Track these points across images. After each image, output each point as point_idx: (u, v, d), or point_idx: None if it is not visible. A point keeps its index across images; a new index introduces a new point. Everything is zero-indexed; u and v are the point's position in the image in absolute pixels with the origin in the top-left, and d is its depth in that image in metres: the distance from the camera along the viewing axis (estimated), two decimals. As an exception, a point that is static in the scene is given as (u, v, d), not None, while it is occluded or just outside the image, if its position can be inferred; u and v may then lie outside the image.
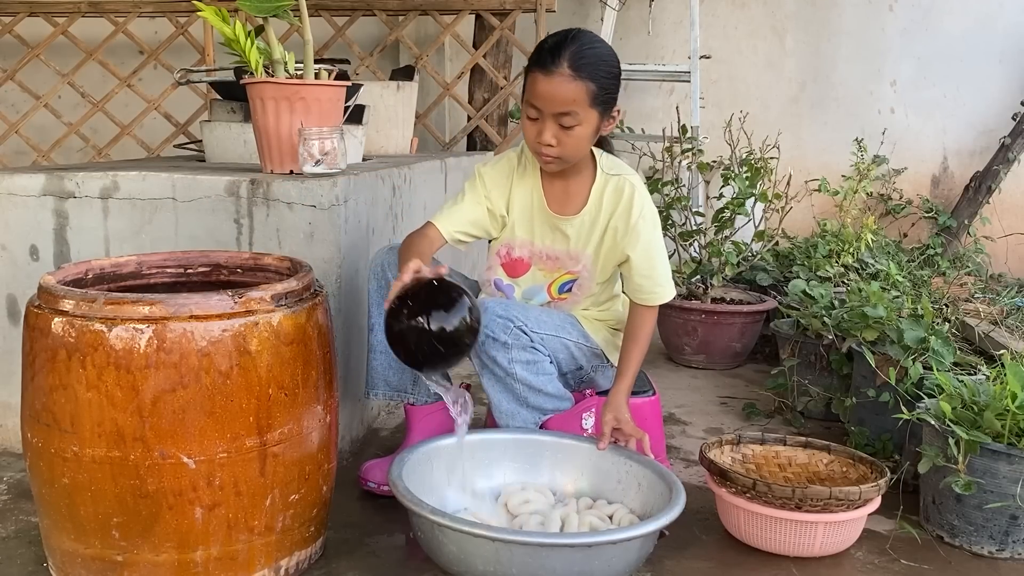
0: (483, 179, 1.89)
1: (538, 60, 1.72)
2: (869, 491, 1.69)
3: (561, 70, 1.68)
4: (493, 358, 1.77)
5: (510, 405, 1.83)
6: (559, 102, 1.70)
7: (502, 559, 1.44)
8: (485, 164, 1.92)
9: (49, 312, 1.42)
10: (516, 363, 1.77)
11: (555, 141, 1.73)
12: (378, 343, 1.95)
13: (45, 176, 2.08)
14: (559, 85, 1.69)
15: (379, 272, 1.91)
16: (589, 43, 1.73)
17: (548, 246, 1.91)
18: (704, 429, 2.46)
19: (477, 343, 1.71)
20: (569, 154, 1.77)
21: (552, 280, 1.94)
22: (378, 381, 1.98)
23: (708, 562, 1.72)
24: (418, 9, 3.99)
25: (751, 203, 3.13)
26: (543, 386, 1.82)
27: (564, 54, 1.69)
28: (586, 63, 1.70)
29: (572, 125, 1.72)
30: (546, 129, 1.73)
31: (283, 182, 1.98)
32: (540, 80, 1.70)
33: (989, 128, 4.43)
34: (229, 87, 2.57)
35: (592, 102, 1.72)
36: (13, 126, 4.31)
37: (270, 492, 1.49)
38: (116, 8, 4.21)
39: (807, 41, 4.59)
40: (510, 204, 1.90)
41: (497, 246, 1.95)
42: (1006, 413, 1.73)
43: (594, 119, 1.74)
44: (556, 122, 1.72)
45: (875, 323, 2.22)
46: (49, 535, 1.53)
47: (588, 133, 1.75)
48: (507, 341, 1.75)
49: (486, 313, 1.73)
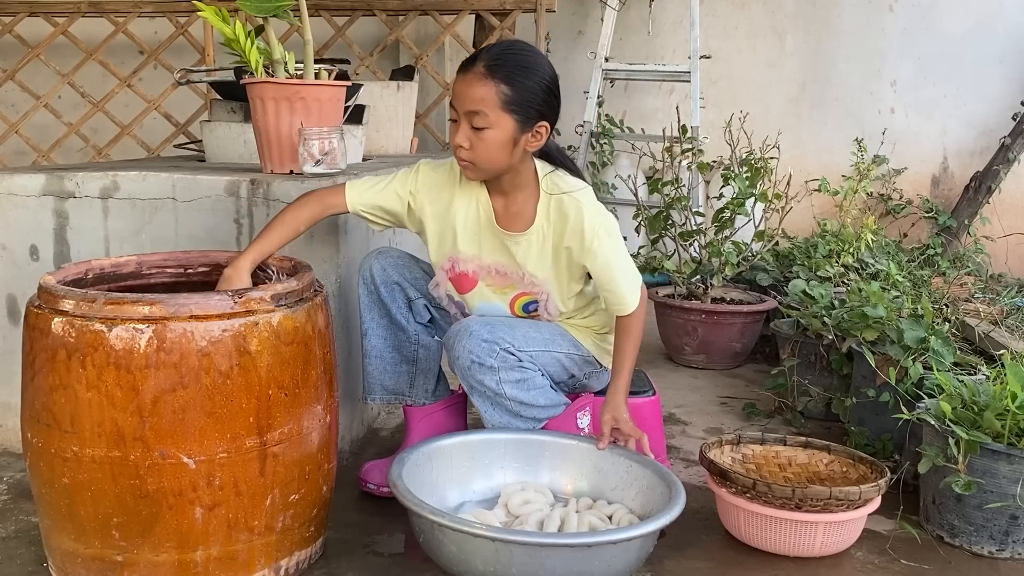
0: (418, 176, 1.84)
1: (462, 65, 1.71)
2: (869, 491, 1.69)
3: (475, 69, 1.67)
4: (481, 381, 1.76)
5: (503, 418, 1.82)
6: (468, 100, 1.67)
7: (502, 559, 1.44)
8: (429, 162, 1.86)
9: (49, 312, 1.42)
10: (505, 383, 1.76)
11: (467, 143, 1.68)
12: (372, 348, 1.95)
13: (45, 176, 2.08)
14: (470, 83, 1.67)
15: (368, 278, 1.91)
16: (517, 50, 1.70)
17: (497, 261, 1.84)
18: (704, 429, 2.46)
19: (460, 368, 1.74)
20: (481, 159, 1.70)
21: (509, 298, 1.88)
22: (375, 386, 1.98)
23: (708, 562, 1.72)
24: (418, 9, 3.99)
25: (751, 203, 3.13)
26: (535, 400, 1.81)
27: (483, 55, 1.69)
28: (502, 64, 1.66)
29: (482, 127, 1.66)
30: (459, 129, 1.69)
31: (283, 182, 1.98)
32: (458, 79, 1.70)
33: (989, 128, 4.43)
34: (229, 87, 2.57)
35: (504, 105, 1.66)
36: (13, 126, 4.31)
37: (270, 492, 1.49)
38: (116, 8, 4.22)
39: (807, 41, 4.59)
40: (452, 213, 1.82)
41: (441, 260, 1.87)
42: (1006, 413, 1.73)
43: (508, 125, 1.67)
44: (468, 122, 1.68)
45: (875, 323, 2.22)
46: (49, 535, 1.53)
47: (501, 140, 1.68)
48: (493, 365, 1.73)
49: (470, 338, 1.73)
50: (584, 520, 1.65)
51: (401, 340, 1.95)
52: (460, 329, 1.76)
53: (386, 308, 1.92)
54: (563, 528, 1.64)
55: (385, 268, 1.90)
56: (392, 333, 1.95)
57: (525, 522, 1.67)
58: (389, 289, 1.91)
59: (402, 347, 1.96)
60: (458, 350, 1.74)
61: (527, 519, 1.67)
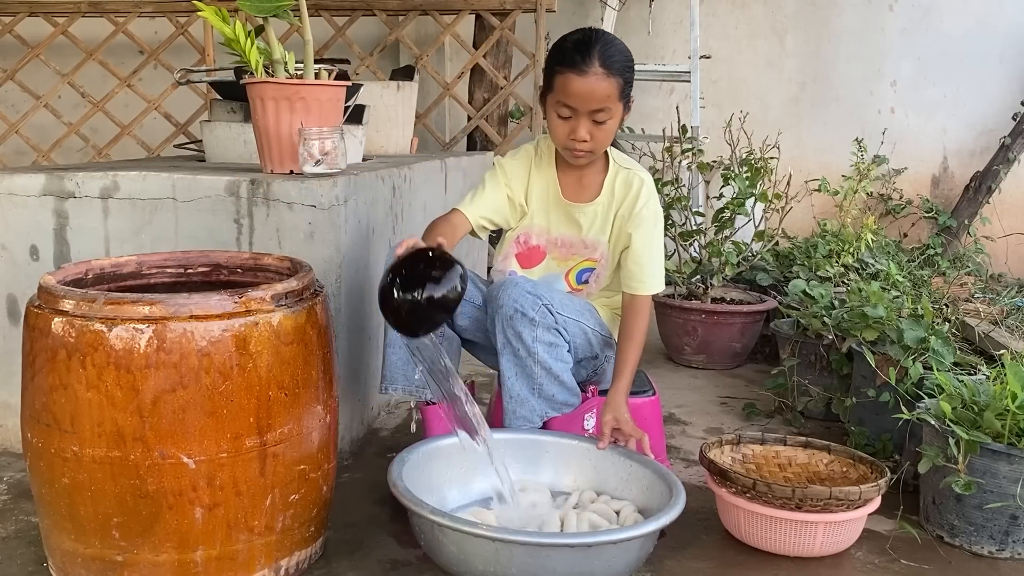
0: (503, 168, 1.97)
1: (567, 60, 1.79)
2: (869, 491, 1.69)
3: (594, 69, 1.76)
4: (519, 334, 1.77)
5: (522, 391, 1.82)
6: (596, 99, 1.78)
7: (502, 559, 1.44)
8: (504, 156, 2.00)
9: (49, 312, 1.42)
10: (539, 343, 1.77)
11: (589, 136, 1.82)
12: (396, 337, 1.92)
13: (45, 176, 2.08)
14: (595, 83, 1.77)
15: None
16: (611, 40, 1.82)
17: (563, 233, 1.98)
18: (704, 429, 2.46)
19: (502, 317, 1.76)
20: (600, 147, 1.87)
21: (568, 268, 2.00)
22: (396, 376, 1.94)
23: (708, 562, 1.73)
24: (418, 9, 3.99)
25: (751, 203, 3.13)
26: (560, 372, 1.82)
27: (594, 53, 1.77)
28: (615, 60, 1.78)
29: (605, 120, 1.81)
30: (580, 126, 1.81)
31: (283, 182, 1.98)
32: (574, 80, 1.77)
33: (989, 128, 4.43)
34: (229, 87, 2.57)
35: (620, 96, 1.81)
36: (13, 126, 4.31)
37: (270, 492, 1.49)
38: (116, 8, 4.22)
39: (807, 41, 4.59)
40: (528, 193, 1.97)
41: (515, 235, 2.01)
42: (1006, 413, 1.73)
43: (620, 111, 1.84)
44: (590, 119, 1.80)
45: (875, 323, 2.22)
46: (49, 535, 1.53)
47: (616, 125, 1.85)
48: (534, 318, 1.76)
49: (515, 288, 1.78)
50: (584, 517, 1.65)
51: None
52: (506, 281, 1.82)
53: None
54: (563, 527, 1.64)
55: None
56: None
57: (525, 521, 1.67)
58: None
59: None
60: (503, 299, 1.78)
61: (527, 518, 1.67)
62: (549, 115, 1.86)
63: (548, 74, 1.84)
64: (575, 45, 1.79)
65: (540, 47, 3.89)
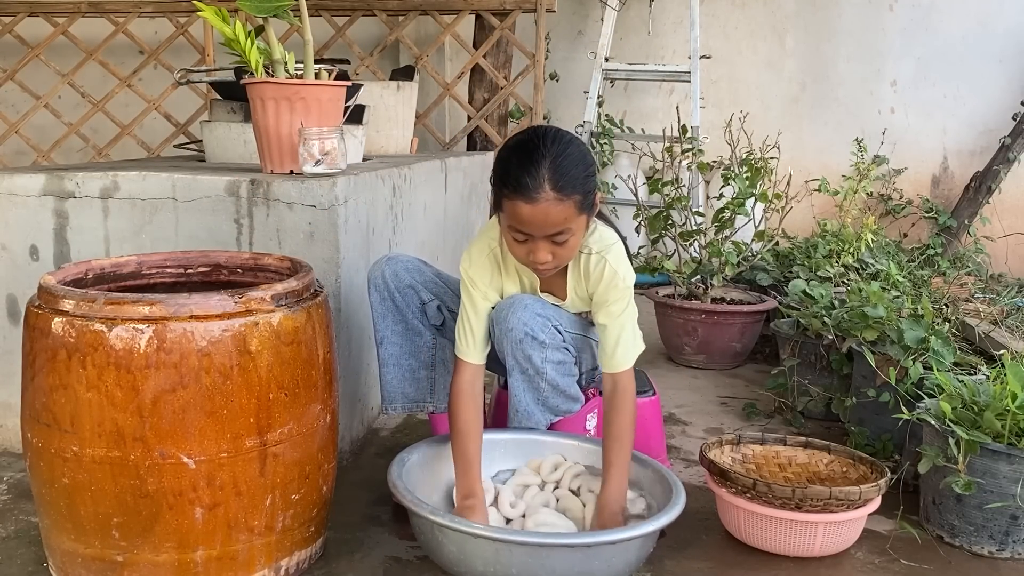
0: (473, 282, 1.77)
1: (512, 184, 1.57)
2: (869, 491, 1.69)
3: (545, 195, 1.54)
4: (529, 356, 1.74)
5: (529, 405, 1.82)
6: (550, 225, 1.57)
7: (502, 559, 1.44)
8: (468, 261, 1.78)
9: (49, 312, 1.42)
10: (548, 363, 1.76)
11: (551, 257, 1.62)
12: (389, 356, 1.93)
13: (45, 176, 2.08)
14: (547, 210, 1.55)
15: (380, 284, 1.90)
16: (561, 150, 1.58)
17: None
18: (704, 429, 2.46)
19: (512, 340, 1.70)
20: (565, 260, 1.68)
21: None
22: (395, 395, 1.96)
23: (708, 562, 1.73)
24: (418, 9, 3.99)
25: (751, 203, 3.13)
26: (567, 387, 1.82)
27: (543, 175, 1.54)
28: (568, 177, 1.56)
29: (565, 240, 1.61)
30: (539, 249, 1.61)
31: (283, 182, 1.98)
32: (523, 208, 1.56)
33: (989, 128, 4.43)
34: (229, 87, 2.57)
35: (581, 210, 1.60)
36: (13, 126, 4.31)
37: (270, 492, 1.49)
38: (116, 8, 4.22)
39: (807, 41, 4.59)
40: (503, 289, 1.81)
41: None
42: (1006, 413, 1.73)
43: (583, 221, 1.64)
44: (549, 240, 1.60)
45: (875, 323, 2.22)
46: (49, 535, 1.53)
47: (580, 237, 1.65)
48: (544, 340, 1.73)
49: (524, 310, 1.71)
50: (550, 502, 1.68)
51: (418, 345, 1.94)
52: (513, 302, 1.73)
53: (401, 314, 1.91)
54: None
55: (397, 272, 1.89)
56: (408, 340, 1.93)
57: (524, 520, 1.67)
58: (403, 293, 1.90)
59: (419, 353, 1.95)
60: (512, 321, 1.71)
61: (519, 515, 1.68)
62: (504, 233, 1.66)
63: (496, 192, 1.62)
64: (520, 164, 1.56)
65: (540, 47, 3.89)
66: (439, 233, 2.88)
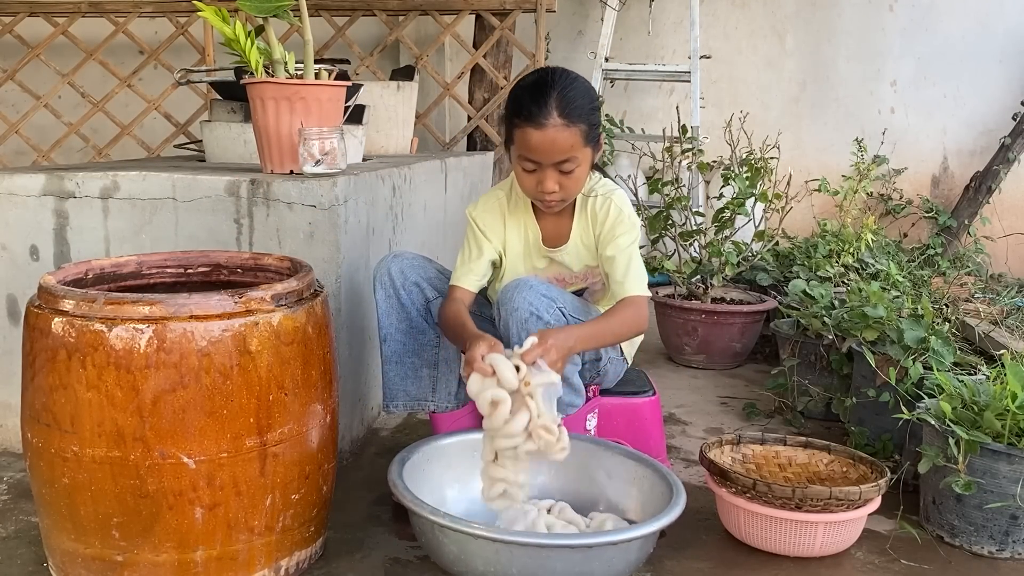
0: (478, 224, 1.90)
1: (523, 113, 1.71)
2: (869, 491, 1.69)
3: (552, 120, 1.69)
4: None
5: None
6: (558, 151, 1.71)
7: (502, 560, 1.44)
8: (475, 207, 1.92)
9: (49, 312, 1.42)
10: None
11: (558, 187, 1.76)
12: (392, 354, 1.93)
13: (45, 176, 2.08)
14: (555, 135, 1.70)
15: (386, 281, 1.90)
16: (568, 83, 1.73)
17: (553, 272, 1.93)
18: (704, 429, 2.46)
19: (517, 320, 1.73)
20: (572, 194, 1.81)
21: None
22: (397, 392, 1.96)
23: (708, 562, 1.73)
24: (418, 9, 3.99)
25: (751, 203, 3.13)
26: (570, 375, 1.81)
27: (551, 103, 1.69)
28: (574, 106, 1.71)
29: (572, 169, 1.74)
30: (547, 178, 1.74)
31: (283, 182, 1.98)
32: (532, 135, 1.70)
33: (989, 128, 4.43)
34: (229, 87, 2.57)
35: (586, 141, 1.74)
36: (13, 126, 4.31)
37: (270, 492, 1.49)
38: (116, 8, 4.21)
39: (807, 41, 4.59)
40: (506, 243, 1.91)
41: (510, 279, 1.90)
42: (1006, 413, 1.73)
43: (589, 155, 1.77)
44: (556, 170, 1.74)
45: (875, 323, 2.22)
46: (49, 535, 1.53)
47: (586, 170, 1.79)
48: (549, 321, 1.73)
49: (530, 291, 1.74)
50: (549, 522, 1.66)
51: (422, 344, 1.94)
52: (519, 283, 1.77)
53: (406, 311, 1.91)
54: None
55: (403, 270, 1.90)
56: (412, 337, 1.93)
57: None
58: (409, 291, 1.90)
59: (422, 351, 1.95)
60: (518, 301, 1.74)
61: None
62: (514, 166, 1.80)
63: (508, 125, 1.77)
64: (530, 94, 1.72)
65: (540, 47, 3.89)
66: (439, 233, 2.88)
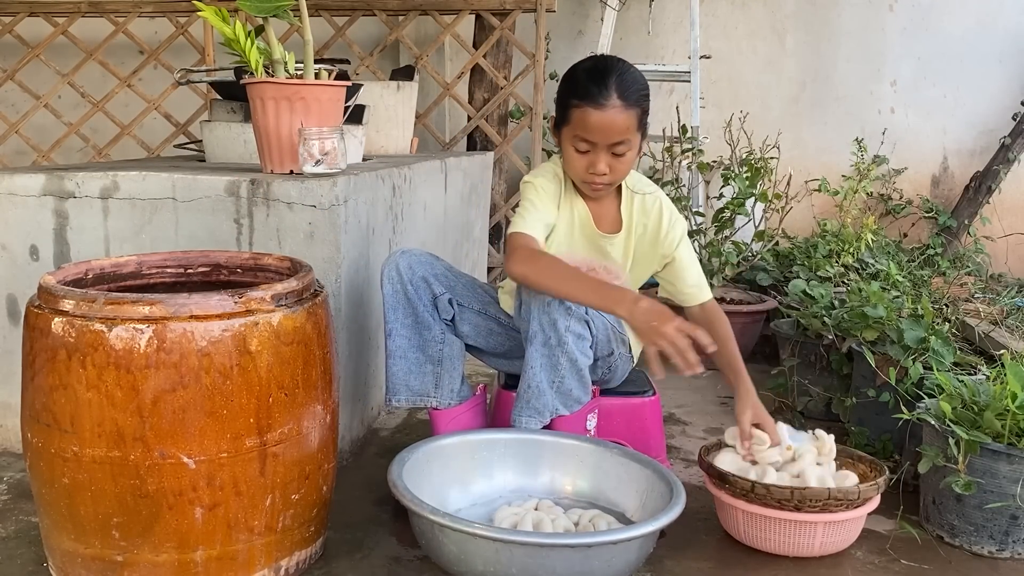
0: (542, 187, 1.89)
1: (582, 93, 1.75)
2: (868, 490, 1.69)
3: (612, 102, 1.74)
4: (554, 321, 1.75)
5: (543, 383, 1.80)
6: (615, 132, 1.76)
7: (502, 559, 1.44)
8: (535, 175, 1.92)
9: (49, 312, 1.42)
10: (570, 333, 1.76)
11: (608, 169, 1.79)
12: (396, 348, 1.93)
13: (45, 176, 2.08)
14: (614, 116, 1.74)
15: (394, 276, 1.89)
16: (626, 69, 1.79)
17: (586, 258, 1.94)
18: (704, 429, 2.46)
19: (540, 303, 1.75)
20: (619, 178, 1.85)
21: None
22: (399, 386, 1.95)
23: (708, 562, 1.73)
24: (418, 9, 3.99)
25: (751, 203, 3.13)
26: (583, 367, 1.81)
27: (611, 84, 1.74)
28: (633, 90, 1.76)
29: (624, 152, 1.79)
30: (600, 160, 1.78)
31: (283, 182, 1.98)
32: (592, 114, 1.74)
33: (989, 128, 4.43)
34: (229, 87, 2.57)
35: (639, 126, 1.79)
36: (13, 126, 4.31)
37: (270, 492, 1.49)
38: (116, 8, 4.21)
39: (807, 41, 4.59)
40: (558, 217, 1.92)
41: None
42: (1006, 413, 1.73)
43: (638, 140, 1.82)
44: (609, 152, 1.78)
45: (875, 323, 2.22)
46: (49, 535, 1.53)
47: (635, 156, 1.83)
48: (570, 307, 1.74)
49: None
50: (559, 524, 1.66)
51: (426, 339, 1.94)
52: None
53: (412, 307, 1.91)
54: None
55: (411, 265, 1.90)
56: (417, 333, 1.93)
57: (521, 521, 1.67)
58: (416, 286, 1.90)
59: (427, 347, 1.94)
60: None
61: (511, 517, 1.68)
62: (565, 148, 1.82)
63: (563, 106, 1.80)
64: (590, 76, 1.76)
65: (540, 47, 3.89)
66: (439, 233, 2.88)
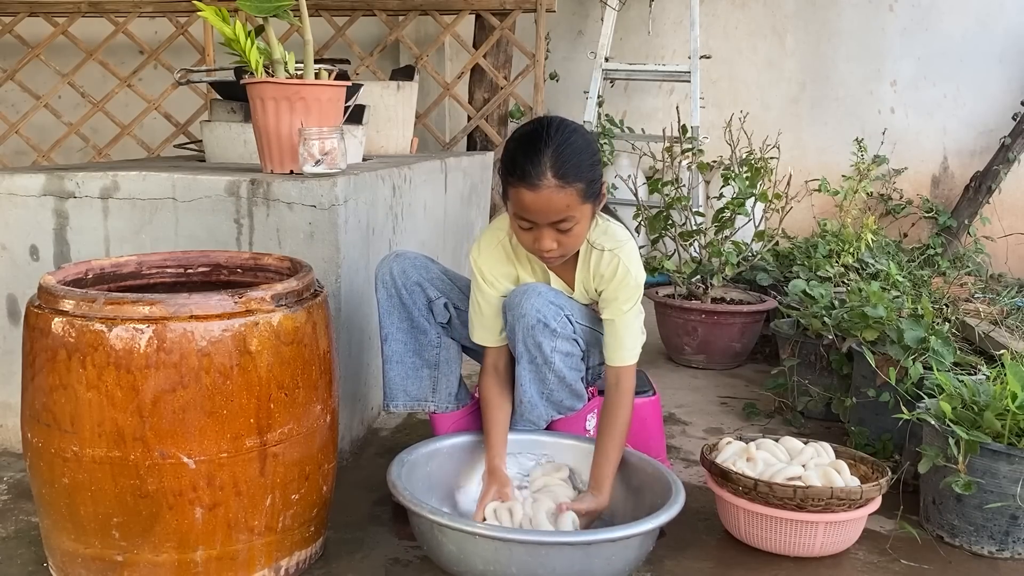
0: (482, 272, 1.82)
1: (517, 173, 1.61)
2: (870, 490, 1.69)
3: (547, 182, 1.58)
4: (539, 344, 1.74)
5: (533, 397, 1.81)
6: (553, 212, 1.61)
7: (502, 558, 1.44)
8: (479, 252, 1.83)
9: (49, 312, 1.42)
10: (557, 352, 1.76)
11: (556, 245, 1.66)
12: (393, 353, 1.93)
13: (45, 176, 2.08)
14: (549, 196, 1.59)
15: (388, 281, 1.89)
16: (565, 138, 1.62)
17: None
18: (704, 429, 2.46)
19: (524, 326, 1.73)
20: (571, 250, 1.72)
21: None
22: (397, 392, 1.95)
23: (708, 562, 1.73)
24: (418, 9, 3.99)
25: (751, 203, 3.13)
26: (572, 381, 1.82)
27: (544, 162, 1.58)
28: (570, 165, 1.60)
29: (570, 227, 1.64)
30: (544, 237, 1.65)
31: (283, 182, 1.98)
32: (526, 195, 1.60)
33: (989, 128, 4.43)
34: (229, 87, 2.57)
35: (584, 199, 1.63)
36: (13, 126, 4.31)
37: (270, 492, 1.49)
38: (116, 8, 4.22)
39: (807, 41, 4.59)
40: (518, 279, 1.84)
41: None
42: (1006, 413, 1.73)
43: (588, 210, 1.67)
44: (553, 228, 1.64)
45: (875, 323, 2.22)
46: (49, 535, 1.53)
47: (585, 226, 1.69)
48: (556, 329, 1.73)
49: (538, 297, 1.73)
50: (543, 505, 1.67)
51: (423, 343, 1.94)
52: (527, 289, 1.75)
53: (407, 311, 1.91)
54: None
55: (405, 269, 1.89)
56: (413, 337, 1.93)
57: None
58: (410, 291, 1.89)
59: (423, 351, 1.94)
60: (526, 307, 1.73)
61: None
62: (511, 222, 1.70)
63: (503, 179, 1.67)
64: (524, 150, 1.61)
65: (540, 47, 3.89)
66: (439, 233, 2.88)
